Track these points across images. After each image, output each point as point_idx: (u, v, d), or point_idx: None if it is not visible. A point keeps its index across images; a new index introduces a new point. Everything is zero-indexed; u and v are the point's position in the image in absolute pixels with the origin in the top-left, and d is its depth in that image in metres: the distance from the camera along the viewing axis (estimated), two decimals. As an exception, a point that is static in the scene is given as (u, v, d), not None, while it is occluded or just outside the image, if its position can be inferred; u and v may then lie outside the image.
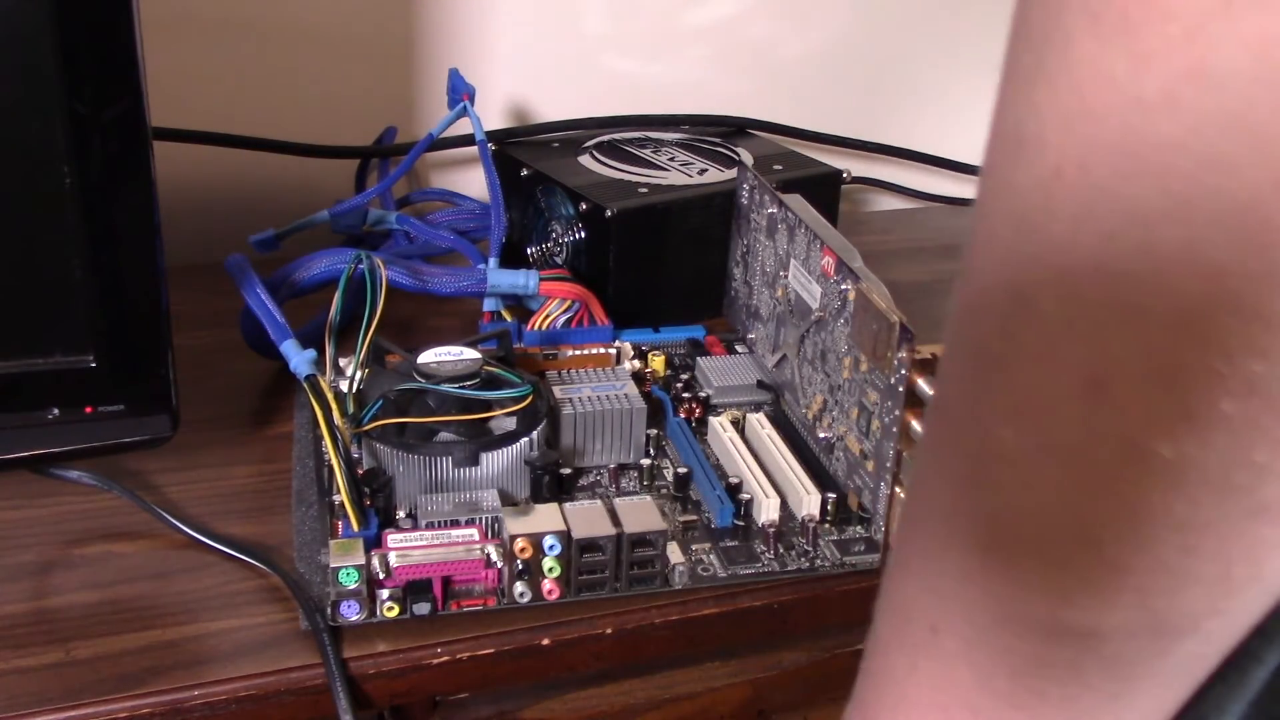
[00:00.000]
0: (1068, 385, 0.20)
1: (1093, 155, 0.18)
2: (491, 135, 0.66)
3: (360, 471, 0.43)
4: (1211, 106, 0.17)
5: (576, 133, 0.71)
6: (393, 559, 0.39)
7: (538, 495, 0.45)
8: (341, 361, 0.49)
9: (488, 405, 0.45)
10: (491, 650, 0.40)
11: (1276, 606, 0.23)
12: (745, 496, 0.46)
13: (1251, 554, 0.20)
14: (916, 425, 0.41)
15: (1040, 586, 0.22)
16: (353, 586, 0.38)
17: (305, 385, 0.46)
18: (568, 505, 0.42)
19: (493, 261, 0.59)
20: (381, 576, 0.39)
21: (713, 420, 0.51)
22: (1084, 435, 0.20)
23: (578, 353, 0.54)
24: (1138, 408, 0.19)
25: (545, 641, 0.41)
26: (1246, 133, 0.17)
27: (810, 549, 0.45)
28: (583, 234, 0.61)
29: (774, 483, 0.47)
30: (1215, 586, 0.21)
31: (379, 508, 0.42)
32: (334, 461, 0.42)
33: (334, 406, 0.44)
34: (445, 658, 0.40)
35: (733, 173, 0.63)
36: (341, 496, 0.41)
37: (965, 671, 0.24)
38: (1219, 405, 0.18)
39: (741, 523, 0.46)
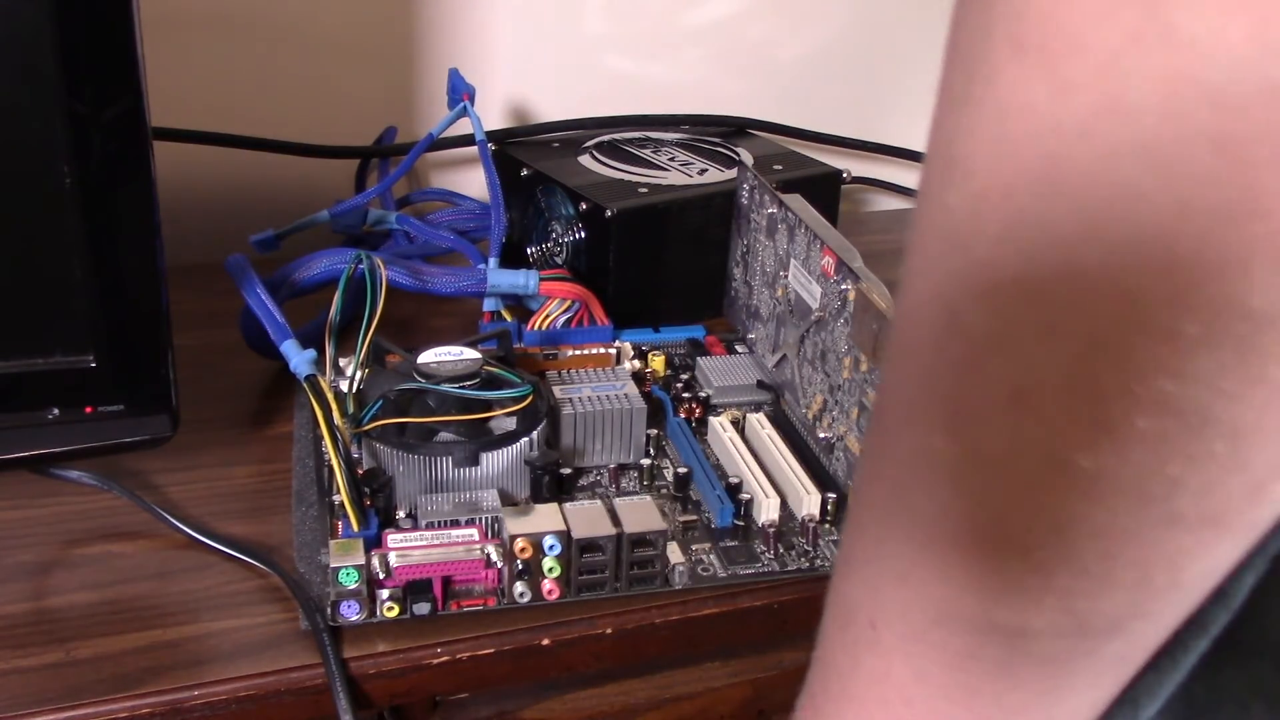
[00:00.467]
0: (993, 398, 0.21)
1: (1015, 179, 0.19)
2: (491, 135, 0.66)
3: (360, 471, 0.43)
4: (1123, 137, 0.18)
5: (576, 133, 0.71)
6: (393, 559, 0.39)
7: (538, 495, 0.45)
8: (341, 361, 0.49)
9: (488, 405, 0.45)
10: (491, 650, 0.40)
11: (1211, 599, 0.23)
12: (745, 496, 0.46)
13: (1170, 561, 0.21)
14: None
15: (970, 587, 0.23)
16: (353, 586, 0.38)
17: (305, 385, 0.46)
18: (568, 505, 0.42)
19: (493, 261, 0.59)
20: (381, 576, 0.39)
21: (713, 420, 0.51)
22: (1009, 446, 0.21)
23: (578, 353, 0.54)
24: (1058, 421, 0.20)
25: (545, 641, 0.41)
26: (1154, 164, 0.17)
27: (810, 549, 0.45)
28: (583, 234, 0.61)
29: (774, 483, 0.47)
30: (1136, 591, 0.21)
31: (379, 508, 0.42)
32: (334, 461, 0.42)
33: (334, 406, 0.44)
34: (445, 658, 0.40)
35: (733, 173, 0.63)
36: (341, 496, 0.41)
37: (902, 665, 0.25)
38: (1134, 421, 0.19)
39: (741, 523, 0.46)
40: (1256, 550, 0.23)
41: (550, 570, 0.40)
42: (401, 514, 0.44)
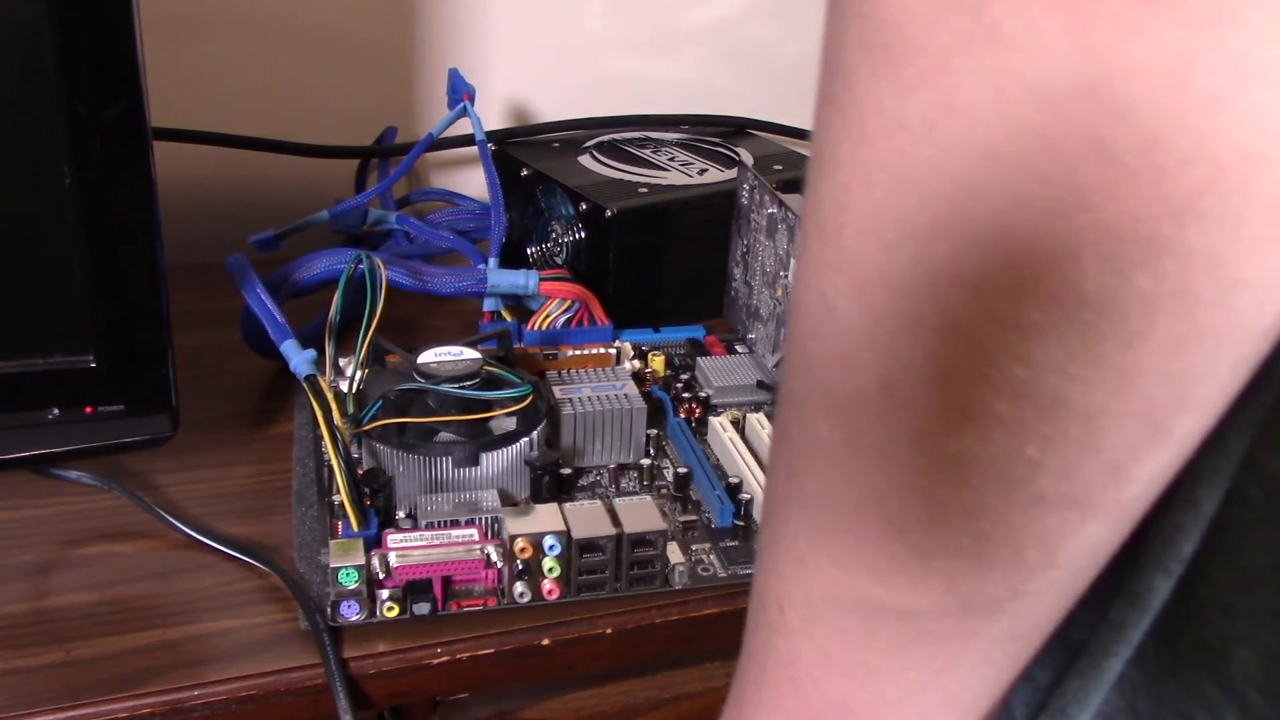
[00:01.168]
0: (867, 386, 0.22)
1: (872, 174, 0.20)
2: (491, 135, 0.66)
3: (360, 471, 0.43)
4: (961, 134, 0.18)
5: (576, 133, 0.71)
6: (393, 559, 0.39)
7: (538, 495, 0.45)
8: (341, 361, 0.49)
9: (488, 405, 0.45)
10: (491, 650, 0.40)
11: (1124, 602, 0.25)
12: (745, 496, 0.46)
13: (1040, 541, 0.22)
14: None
15: (858, 568, 0.24)
16: (353, 586, 0.38)
17: (305, 385, 0.46)
18: (568, 505, 0.42)
19: (493, 261, 0.59)
20: (381, 576, 0.39)
21: (713, 420, 0.51)
22: (882, 432, 0.22)
23: (578, 353, 0.54)
24: (924, 408, 0.21)
25: (545, 641, 0.41)
26: (990, 159, 0.18)
27: (810, 549, 0.45)
28: (583, 234, 0.61)
29: (774, 483, 0.47)
30: (1012, 571, 0.22)
31: (379, 508, 0.42)
32: (334, 461, 0.42)
33: (334, 406, 0.44)
34: (445, 658, 0.40)
35: (733, 173, 0.63)
36: (341, 496, 0.41)
37: (807, 647, 0.26)
38: (991, 405, 0.20)
39: (741, 522, 0.46)
40: (1165, 550, 0.24)
41: (550, 570, 0.40)
42: (401, 514, 0.44)
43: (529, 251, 0.66)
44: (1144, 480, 0.21)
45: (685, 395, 0.54)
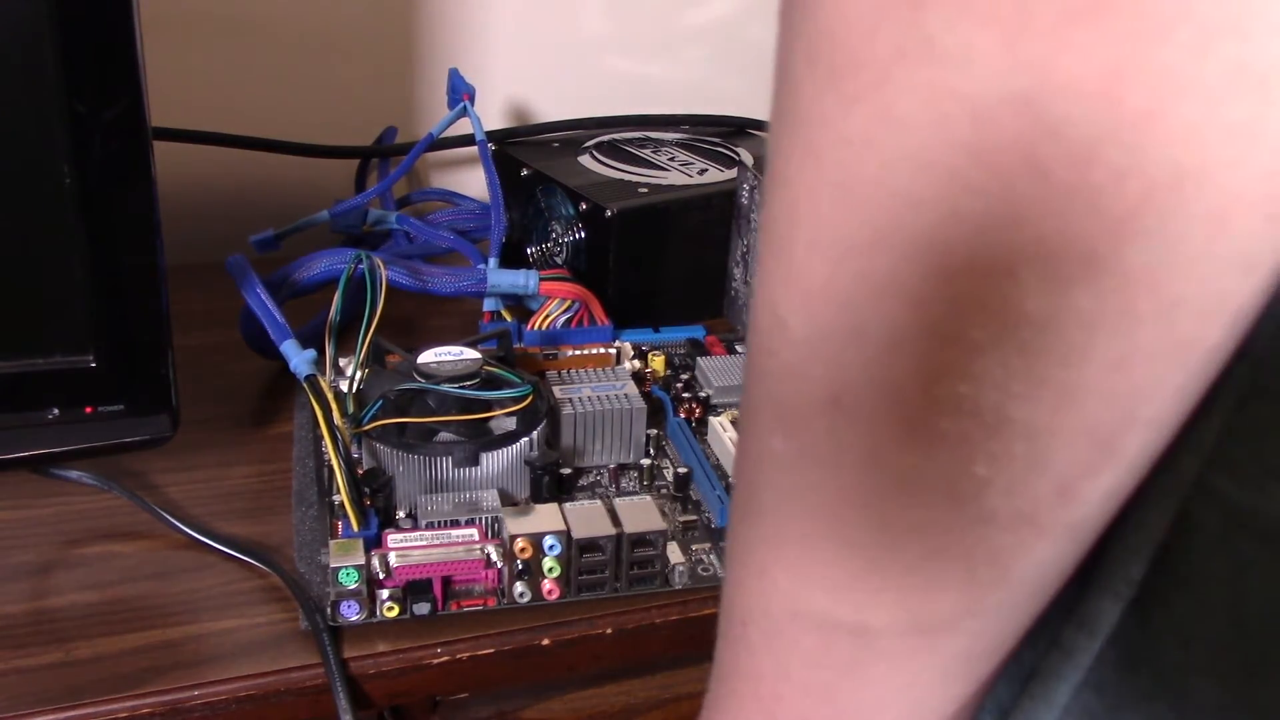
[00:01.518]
0: (815, 401, 0.22)
1: (818, 189, 0.20)
2: (491, 135, 0.66)
3: (360, 471, 0.43)
4: (899, 147, 0.18)
5: (576, 133, 0.71)
6: (393, 559, 0.39)
7: (538, 495, 0.45)
8: (341, 361, 0.49)
9: (488, 405, 0.45)
10: (491, 650, 0.40)
11: (1074, 626, 0.24)
12: (745, 496, 0.46)
13: (992, 559, 0.22)
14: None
15: (813, 583, 0.24)
16: (353, 586, 0.38)
17: (305, 385, 0.46)
18: (568, 505, 0.42)
19: (493, 261, 0.59)
20: (381, 576, 0.39)
21: (713, 420, 0.51)
22: (831, 446, 0.22)
23: (578, 353, 0.54)
24: (871, 423, 0.21)
25: (545, 641, 0.41)
26: (926, 172, 0.18)
27: (810, 549, 0.45)
28: (583, 234, 0.61)
29: (774, 483, 0.47)
30: (964, 589, 0.22)
31: (379, 508, 0.42)
32: (334, 461, 0.42)
33: (334, 406, 0.44)
34: (445, 658, 0.40)
35: (733, 173, 0.63)
36: (341, 496, 0.41)
37: (769, 663, 0.26)
38: (936, 422, 0.20)
39: (741, 523, 0.46)
40: (1114, 572, 0.24)
41: (550, 570, 0.40)
42: (401, 514, 0.44)
43: (529, 251, 0.66)
44: (1094, 500, 0.21)
45: (685, 395, 0.54)
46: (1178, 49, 0.16)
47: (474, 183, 0.76)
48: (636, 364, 0.56)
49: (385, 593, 0.39)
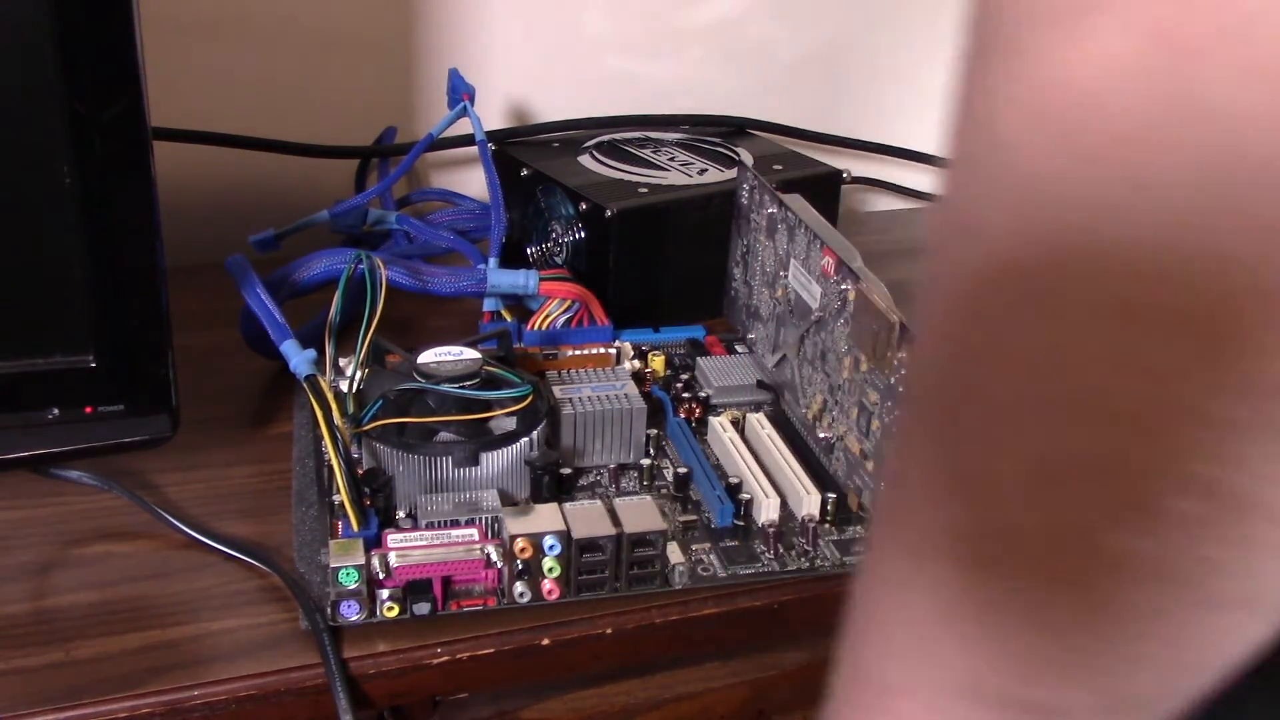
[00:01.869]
0: (1015, 472, 0.20)
1: (1025, 251, 0.18)
2: (491, 135, 0.66)
3: (360, 471, 0.43)
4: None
5: (576, 133, 0.71)
6: (393, 559, 0.39)
7: (538, 495, 0.45)
8: (341, 361, 0.49)
9: (488, 405, 0.45)
10: (491, 650, 0.40)
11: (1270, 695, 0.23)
12: (745, 496, 0.46)
13: (1204, 641, 0.20)
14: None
15: (999, 664, 0.22)
16: (353, 586, 0.38)
17: (305, 385, 0.46)
18: (568, 505, 0.42)
19: (493, 261, 0.59)
20: (381, 576, 0.39)
21: (713, 420, 0.51)
22: (1033, 522, 0.20)
23: (578, 353, 0.54)
24: (1086, 499, 0.19)
25: (545, 641, 0.41)
26: (1183, 246, 0.16)
27: (810, 549, 0.45)
28: (583, 234, 0.61)
29: (774, 483, 0.47)
30: (1169, 671, 0.21)
31: (379, 508, 0.42)
32: (334, 461, 0.42)
33: (334, 406, 0.44)
34: (445, 658, 0.40)
35: (733, 173, 0.63)
36: (341, 496, 0.41)
37: None
38: (1170, 503, 0.18)
39: (741, 523, 0.46)
40: None
41: (550, 570, 0.40)
42: (401, 514, 0.44)
43: (529, 251, 0.66)
44: None
45: (685, 395, 0.54)
46: None
47: (474, 183, 0.76)
48: (636, 364, 0.56)
49: (385, 593, 0.39)
